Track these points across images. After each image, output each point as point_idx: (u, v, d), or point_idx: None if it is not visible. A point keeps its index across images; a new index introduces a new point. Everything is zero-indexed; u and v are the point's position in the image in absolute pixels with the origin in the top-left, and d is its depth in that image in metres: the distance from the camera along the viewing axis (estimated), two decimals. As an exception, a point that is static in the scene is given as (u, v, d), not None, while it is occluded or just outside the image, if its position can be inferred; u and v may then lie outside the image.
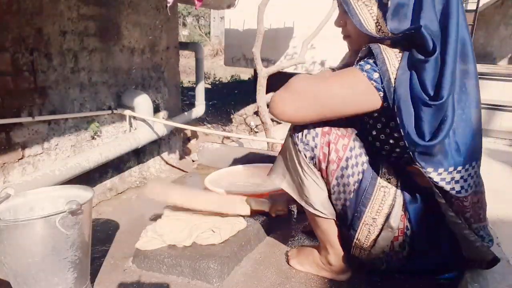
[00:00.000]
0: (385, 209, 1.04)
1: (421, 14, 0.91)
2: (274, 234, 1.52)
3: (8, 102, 1.79)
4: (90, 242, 1.17)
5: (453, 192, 0.95)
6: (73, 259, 1.08)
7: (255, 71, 5.43)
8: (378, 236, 1.05)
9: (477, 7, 6.19)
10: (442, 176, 0.94)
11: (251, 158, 2.25)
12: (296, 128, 1.08)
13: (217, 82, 8.94)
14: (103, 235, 1.54)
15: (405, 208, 1.05)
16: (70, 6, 2.08)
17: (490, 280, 1.08)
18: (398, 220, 1.03)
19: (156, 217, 1.50)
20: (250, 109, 6.08)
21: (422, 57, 0.90)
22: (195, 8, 2.29)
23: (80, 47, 2.18)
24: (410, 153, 0.93)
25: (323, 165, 1.06)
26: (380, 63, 0.93)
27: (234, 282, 1.23)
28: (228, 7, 3.85)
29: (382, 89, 0.94)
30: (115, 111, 2.46)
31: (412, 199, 1.05)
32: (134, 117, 2.57)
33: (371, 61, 0.96)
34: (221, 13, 10.97)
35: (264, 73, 3.36)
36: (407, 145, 0.92)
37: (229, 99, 6.85)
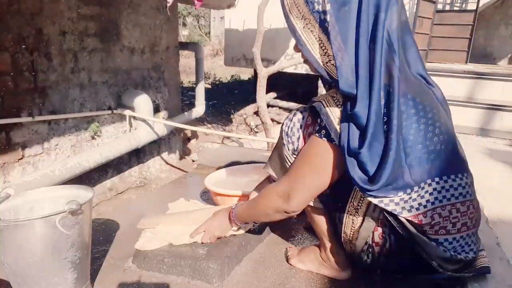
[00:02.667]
0: (367, 200, 1.05)
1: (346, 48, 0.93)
2: (274, 234, 1.52)
3: (8, 102, 1.79)
4: (90, 242, 1.17)
5: (395, 212, 0.98)
6: (73, 259, 1.08)
7: (255, 71, 5.44)
8: (360, 227, 1.07)
9: (477, 7, 6.19)
10: (384, 201, 0.97)
11: (251, 158, 2.25)
12: (285, 123, 1.15)
13: (217, 82, 8.94)
14: (103, 235, 1.54)
15: None
16: (70, 6, 2.08)
17: (490, 280, 1.08)
18: (378, 210, 1.04)
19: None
20: (250, 109, 6.08)
21: (349, 110, 0.94)
22: (195, 8, 2.30)
23: (80, 47, 2.18)
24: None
25: None
26: (325, 117, 0.98)
27: (234, 282, 1.23)
28: (228, 7, 3.86)
29: (326, 135, 0.99)
30: (115, 111, 2.46)
31: None
32: (134, 117, 2.56)
33: (319, 121, 1.01)
34: (221, 13, 10.98)
35: (264, 73, 3.36)
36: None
37: (229, 99, 6.86)
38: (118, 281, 1.24)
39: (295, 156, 1.14)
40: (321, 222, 1.18)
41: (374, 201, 0.97)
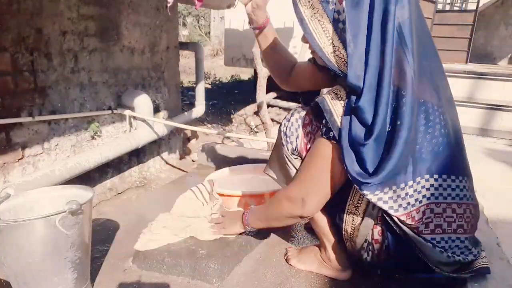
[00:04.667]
0: (366, 198, 1.05)
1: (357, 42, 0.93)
2: (274, 234, 1.52)
3: (8, 102, 1.79)
4: (90, 242, 1.17)
5: (391, 211, 0.97)
6: (73, 259, 1.08)
7: (255, 71, 5.43)
8: (360, 224, 1.08)
9: (477, 7, 6.20)
10: (378, 196, 0.96)
11: (251, 158, 2.25)
12: (283, 123, 1.16)
13: (217, 82, 8.94)
14: (103, 235, 1.54)
15: None
16: (70, 6, 2.08)
17: (490, 280, 1.08)
18: (377, 208, 1.04)
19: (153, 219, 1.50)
20: (250, 109, 6.08)
21: (354, 104, 0.94)
22: (195, 8, 2.29)
23: (80, 47, 2.17)
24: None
25: (304, 154, 1.13)
26: (328, 115, 0.98)
27: (234, 282, 1.23)
28: (228, 7, 3.85)
29: (333, 137, 0.98)
30: (115, 111, 2.46)
31: None
32: (134, 117, 2.56)
33: (324, 121, 1.00)
34: (221, 13, 10.97)
35: (264, 73, 3.36)
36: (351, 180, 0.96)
37: (229, 99, 6.85)
38: (118, 281, 1.24)
39: (295, 155, 1.14)
40: (321, 222, 1.18)
41: (371, 198, 0.95)
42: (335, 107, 0.98)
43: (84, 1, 2.16)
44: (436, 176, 1.00)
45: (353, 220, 1.08)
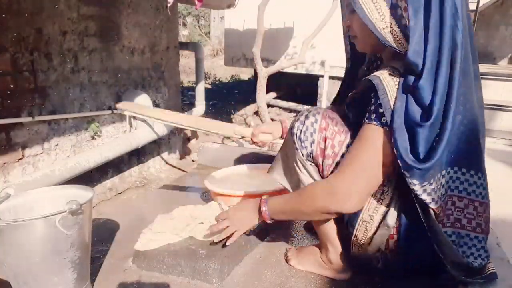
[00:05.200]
0: (382, 208, 1.04)
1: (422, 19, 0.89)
2: (274, 234, 1.52)
3: (8, 102, 1.79)
4: (90, 242, 1.17)
5: (432, 204, 0.94)
6: (73, 259, 1.08)
7: (255, 71, 5.43)
8: (375, 233, 1.06)
9: (477, 7, 6.19)
10: (425, 187, 0.93)
11: (251, 158, 2.25)
12: (296, 126, 1.11)
13: (217, 82, 8.95)
14: (103, 235, 1.54)
15: (400, 206, 1.04)
16: (70, 6, 2.08)
17: (490, 280, 1.08)
18: (394, 219, 1.03)
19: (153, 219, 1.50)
20: (250, 109, 6.08)
21: (412, 83, 0.90)
22: (196, 8, 2.30)
23: (80, 47, 2.17)
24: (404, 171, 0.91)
25: (320, 160, 1.09)
26: (381, 94, 0.93)
27: (234, 282, 1.23)
28: (228, 7, 3.85)
29: (386, 123, 0.93)
30: (115, 111, 2.46)
31: (407, 197, 1.05)
32: (134, 117, 2.56)
33: (373, 107, 0.95)
34: (221, 13, 10.97)
35: (264, 73, 3.36)
36: (401, 166, 0.90)
37: (229, 99, 6.86)
38: (118, 281, 1.24)
39: (309, 161, 1.11)
40: (327, 226, 1.17)
41: (418, 190, 0.91)
42: (389, 86, 0.93)
43: (84, 1, 2.16)
44: (464, 169, 0.99)
45: (366, 229, 1.06)
